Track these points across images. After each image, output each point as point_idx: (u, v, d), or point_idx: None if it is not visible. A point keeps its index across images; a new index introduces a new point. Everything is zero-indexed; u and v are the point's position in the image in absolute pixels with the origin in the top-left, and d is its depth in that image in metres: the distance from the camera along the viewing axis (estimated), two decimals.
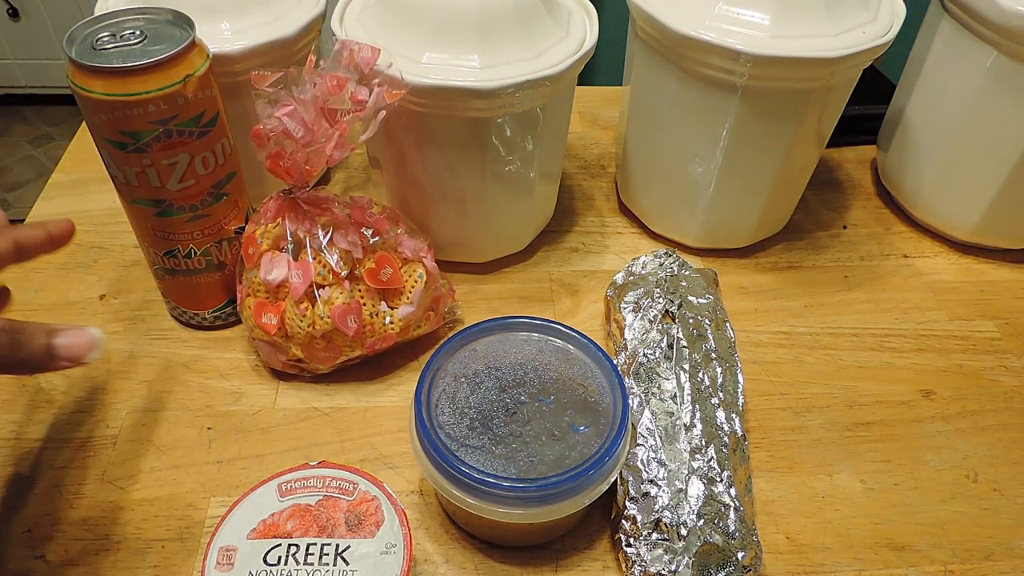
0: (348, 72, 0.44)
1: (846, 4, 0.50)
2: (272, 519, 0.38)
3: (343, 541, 0.37)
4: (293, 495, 0.38)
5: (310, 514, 0.38)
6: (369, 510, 0.38)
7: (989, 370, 0.54)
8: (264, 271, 0.47)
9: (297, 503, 0.38)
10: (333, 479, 0.39)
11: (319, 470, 0.39)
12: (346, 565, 0.36)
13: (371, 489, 0.39)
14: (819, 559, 0.43)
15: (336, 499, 0.38)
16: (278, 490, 0.38)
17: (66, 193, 0.66)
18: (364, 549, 0.37)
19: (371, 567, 0.36)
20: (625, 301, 0.51)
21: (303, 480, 0.39)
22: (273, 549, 0.36)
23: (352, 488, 0.39)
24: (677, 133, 0.56)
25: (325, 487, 0.39)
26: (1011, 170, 0.57)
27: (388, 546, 0.37)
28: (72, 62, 0.41)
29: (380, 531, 0.37)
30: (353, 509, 0.38)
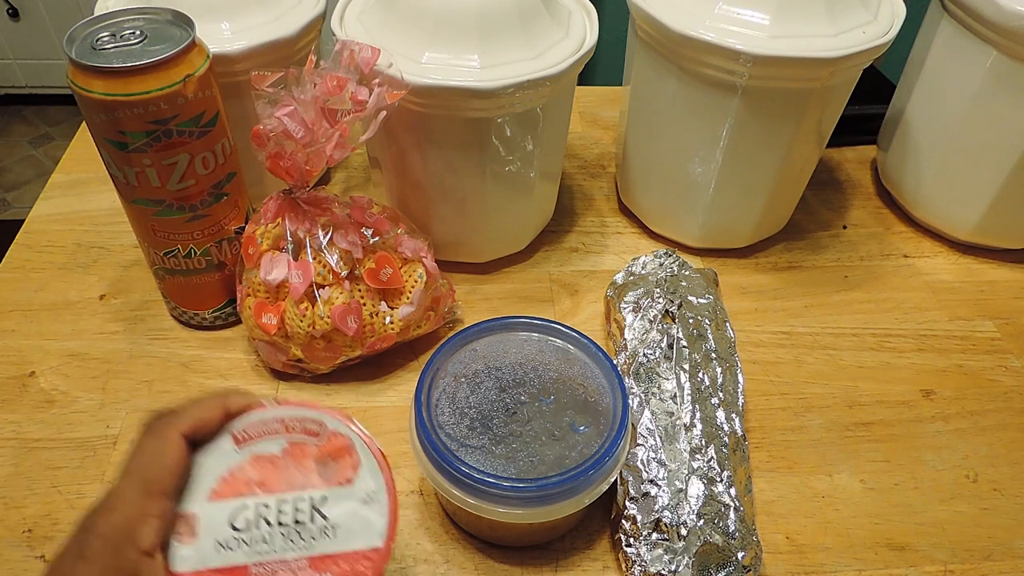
0: (348, 72, 0.44)
1: (846, 4, 0.50)
2: (231, 474, 0.32)
3: (318, 493, 0.32)
4: (251, 443, 0.33)
5: (276, 466, 0.33)
6: (341, 452, 0.33)
7: (989, 370, 0.54)
8: (264, 271, 0.47)
9: (258, 453, 0.33)
10: (295, 420, 0.33)
11: (276, 411, 0.34)
12: (325, 521, 0.32)
13: (340, 427, 0.34)
14: (819, 559, 0.43)
15: (302, 444, 0.33)
16: (233, 440, 0.33)
17: (66, 193, 0.66)
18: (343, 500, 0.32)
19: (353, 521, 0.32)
20: (625, 301, 0.51)
21: (260, 425, 0.33)
22: (240, 511, 0.32)
23: (319, 428, 0.33)
24: (677, 133, 0.56)
25: (287, 430, 0.33)
26: (1011, 170, 0.57)
27: (369, 495, 0.32)
28: (72, 62, 0.41)
29: (358, 477, 0.33)
30: (324, 453, 0.33)
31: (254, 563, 0.31)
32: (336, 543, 0.31)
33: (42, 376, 0.51)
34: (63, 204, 0.65)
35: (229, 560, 0.31)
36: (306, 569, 0.31)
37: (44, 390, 0.50)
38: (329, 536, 0.31)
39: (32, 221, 0.63)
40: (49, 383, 0.51)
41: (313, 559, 0.31)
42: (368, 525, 0.32)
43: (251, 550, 0.31)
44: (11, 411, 0.49)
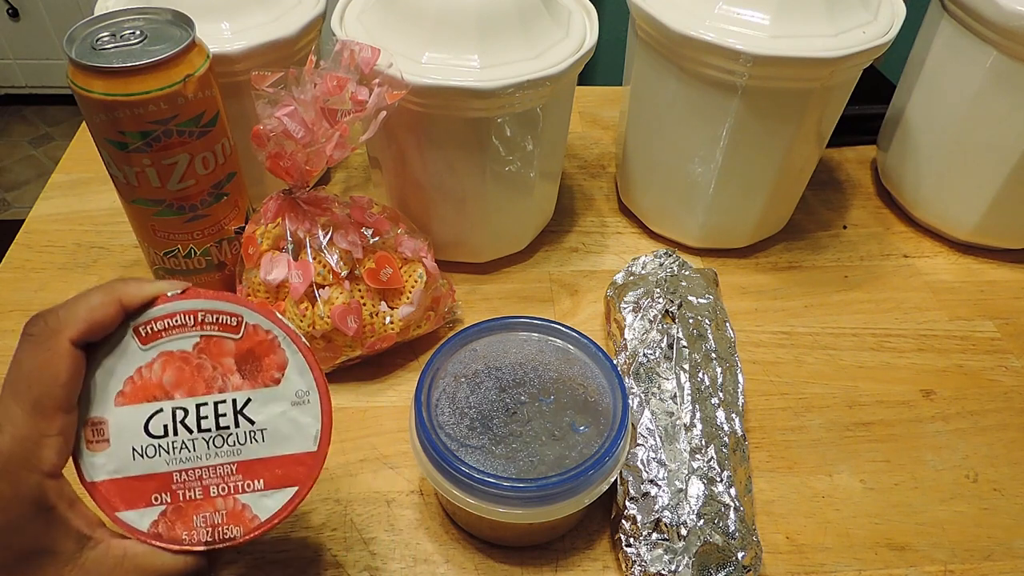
0: (348, 72, 0.44)
1: (846, 4, 0.50)
2: (140, 376, 0.29)
3: (240, 395, 0.30)
4: (159, 340, 0.30)
5: (189, 365, 0.29)
6: (265, 350, 0.30)
7: (989, 370, 0.54)
8: (264, 271, 0.47)
9: (168, 350, 0.30)
10: (208, 313, 0.30)
11: (185, 302, 0.30)
12: (251, 425, 0.29)
13: (261, 322, 0.30)
14: (819, 559, 0.43)
15: (219, 339, 0.30)
16: (136, 336, 0.29)
17: (66, 193, 0.66)
18: (269, 402, 0.30)
19: (282, 423, 0.30)
20: (625, 301, 0.51)
21: (167, 318, 0.30)
22: (155, 416, 0.29)
23: (237, 323, 0.30)
24: (677, 133, 0.56)
25: (199, 324, 0.30)
26: (1011, 170, 0.57)
27: (299, 395, 0.30)
28: (72, 62, 0.41)
29: (285, 377, 0.30)
30: (244, 351, 0.30)
31: (177, 471, 0.29)
32: (265, 447, 0.30)
33: None
34: (63, 204, 0.65)
35: (149, 468, 0.29)
36: (235, 475, 0.29)
37: None
38: (257, 441, 0.30)
39: (32, 221, 0.63)
40: None
41: (241, 465, 0.29)
42: (300, 428, 0.30)
43: (172, 457, 0.29)
44: None
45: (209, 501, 0.29)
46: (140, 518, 0.29)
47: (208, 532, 0.29)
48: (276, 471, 0.30)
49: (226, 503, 0.29)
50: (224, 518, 0.29)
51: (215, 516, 0.29)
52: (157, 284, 0.30)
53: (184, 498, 0.29)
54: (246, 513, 0.29)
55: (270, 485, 0.29)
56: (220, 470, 0.29)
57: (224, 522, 0.29)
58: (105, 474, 0.29)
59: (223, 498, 0.29)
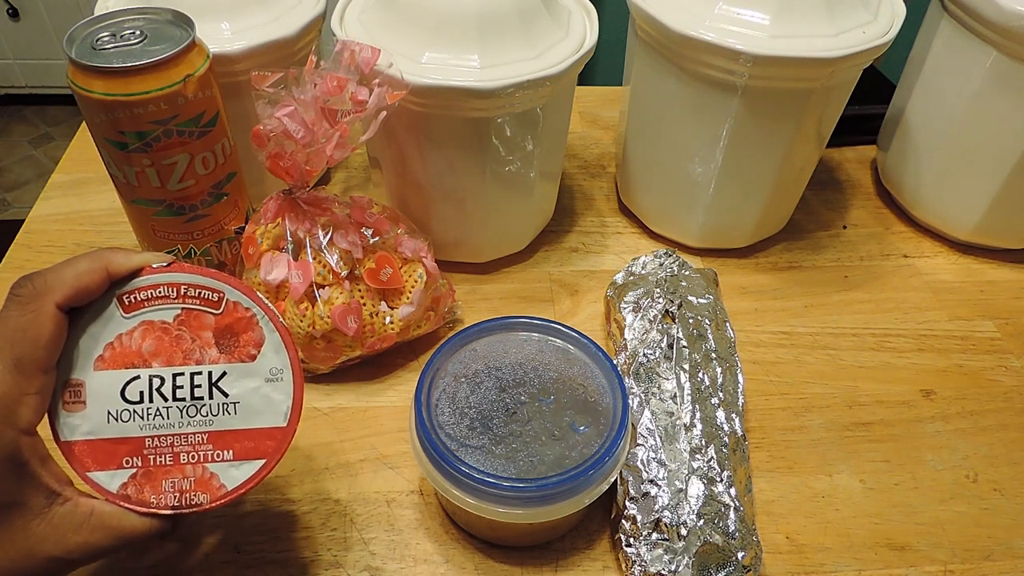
0: (349, 73, 0.44)
1: (846, 4, 0.50)
2: (120, 342, 0.30)
3: (216, 368, 0.31)
4: (141, 309, 0.31)
5: (169, 335, 0.30)
6: (243, 326, 0.31)
7: (989, 370, 0.54)
8: (264, 271, 0.47)
9: (149, 320, 0.30)
10: (191, 287, 0.31)
11: (169, 274, 0.31)
12: (224, 397, 0.30)
13: (242, 300, 0.31)
14: (819, 559, 0.43)
15: (199, 313, 0.31)
16: (119, 304, 0.30)
17: (66, 193, 0.66)
18: (244, 377, 0.31)
19: (255, 398, 0.31)
20: (625, 301, 0.51)
21: (151, 289, 0.31)
22: (131, 383, 0.30)
23: (218, 299, 0.31)
24: (677, 133, 0.56)
25: (181, 297, 0.31)
26: (1011, 170, 0.57)
27: (273, 372, 0.31)
28: (72, 62, 0.41)
29: (261, 354, 0.31)
30: (223, 326, 0.31)
31: (149, 436, 0.30)
32: (237, 420, 0.31)
33: None
34: (63, 204, 0.65)
35: (122, 431, 0.30)
36: (205, 444, 0.30)
37: None
38: (230, 413, 0.31)
39: (32, 221, 0.63)
40: None
41: (213, 435, 0.30)
42: (271, 404, 0.31)
43: (146, 423, 0.30)
44: None
45: (179, 467, 0.30)
46: (110, 479, 0.30)
47: (176, 497, 0.30)
48: (246, 443, 0.31)
49: (195, 471, 0.30)
50: (192, 484, 0.30)
51: (183, 482, 0.30)
52: (143, 255, 0.31)
53: (155, 463, 0.30)
54: (214, 482, 0.30)
55: (239, 456, 0.30)
56: (192, 438, 0.30)
57: (192, 488, 0.30)
58: (80, 435, 0.30)
59: (192, 465, 0.30)
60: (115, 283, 0.31)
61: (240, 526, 0.43)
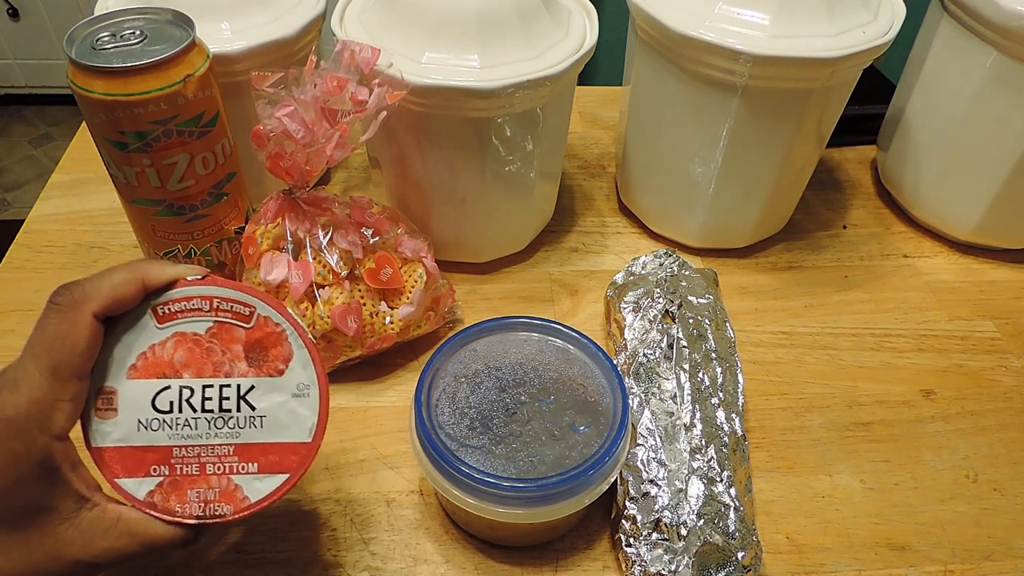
0: (349, 73, 0.44)
1: (846, 4, 0.50)
2: (153, 352, 0.31)
3: (244, 381, 0.31)
4: (174, 321, 0.31)
5: (200, 347, 0.31)
6: (273, 341, 0.32)
7: (989, 370, 0.54)
8: (264, 271, 0.47)
9: (181, 331, 0.31)
10: (223, 300, 0.31)
11: (203, 287, 0.31)
12: (252, 411, 0.31)
13: (272, 315, 0.32)
14: (819, 559, 0.43)
15: (230, 326, 0.31)
16: (153, 314, 0.31)
17: (66, 193, 0.66)
18: (271, 392, 0.31)
19: (282, 413, 0.31)
20: (625, 301, 0.51)
21: (184, 301, 0.31)
22: (162, 392, 0.31)
23: (249, 313, 0.31)
24: (677, 133, 0.56)
25: (214, 310, 0.31)
26: (1011, 170, 0.57)
27: (300, 388, 0.31)
28: (72, 62, 0.41)
29: (289, 369, 0.31)
30: (253, 340, 0.31)
31: (177, 445, 0.31)
32: (263, 433, 0.31)
33: None
34: (63, 204, 0.65)
35: (151, 440, 0.30)
36: (231, 456, 0.31)
37: None
38: (256, 426, 0.31)
39: (32, 221, 0.63)
40: None
41: (239, 447, 0.31)
42: (297, 419, 0.31)
43: (174, 433, 0.31)
44: None
45: (204, 478, 0.31)
46: (138, 486, 0.30)
47: (200, 507, 0.31)
48: (271, 457, 0.31)
49: (220, 481, 0.31)
50: (217, 495, 0.31)
51: (208, 492, 0.31)
52: (179, 267, 0.32)
53: (181, 472, 0.30)
54: (238, 493, 0.31)
55: (263, 470, 0.31)
56: (218, 450, 0.31)
57: (216, 499, 0.31)
58: (110, 441, 0.30)
59: (218, 476, 0.31)
60: (150, 294, 0.31)
61: (240, 526, 0.43)
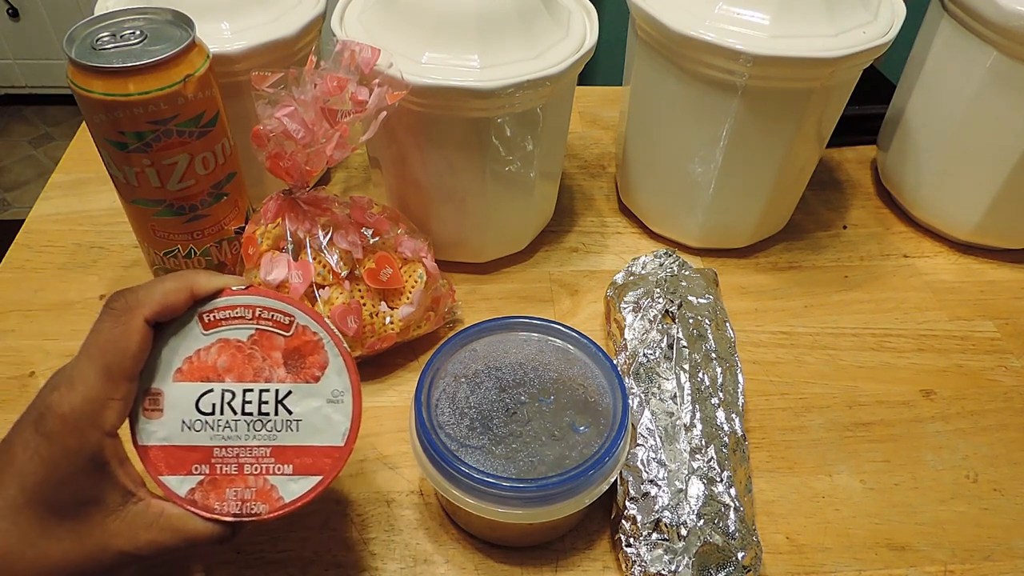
0: (349, 73, 0.44)
1: (846, 4, 0.50)
2: (198, 357, 0.33)
3: (283, 386, 0.33)
4: (219, 328, 0.33)
5: (242, 353, 0.33)
6: (310, 349, 0.33)
7: (989, 370, 0.54)
8: (264, 271, 0.47)
9: (225, 338, 0.33)
10: (265, 309, 0.33)
11: (246, 297, 0.33)
12: (288, 415, 0.33)
13: (311, 324, 0.34)
14: (819, 559, 0.43)
15: (271, 335, 0.33)
16: (200, 321, 0.33)
17: (66, 193, 0.66)
18: (308, 397, 0.33)
19: (316, 418, 0.33)
20: (625, 301, 0.51)
21: (229, 309, 0.33)
22: (205, 395, 0.33)
23: (288, 322, 0.33)
24: (677, 133, 0.56)
25: (256, 319, 0.33)
26: (1011, 170, 0.57)
27: (335, 394, 0.33)
28: (72, 62, 0.41)
29: (324, 376, 0.33)
30: (292, 348, 0.33)
31: (217, 446, 0.32)
32: (299, 437, 0.33)
33: (42, 376, 0.51)
34: (63, 204, 0.65)
35: (193, 440, 0.32)
36: (268, 457, 0.32)
37: None
38: (292, 430, 0.33)
39: (32, 221, 0.63)
40: None
41: (275, 449, 0.32)
42: (331, 424, 0.33)
43: (215, 434, 0.32)
44: (11, 411, 0.49)
45: (242, 478, 0.32)
46: (180, 484, 0.32)
47: (238, 505, 0.32)
48: (305, 459, 0.33)
49: (257, 481, 0.32)
50: (253, 495, 0.32)
51: (245, 492, 0.32)
52: (225, 278, 0.34)
53: (221, 472, 0.32)
54: (273, 493, 0.32)
55: (298, 471, 0.32)
56: (256, 451, 0.32)
57: (253, 498, 0.32)
58: (155, 440, 0.32)
59: (255, 476, 0.32)
60: (197, 302, 0.33)
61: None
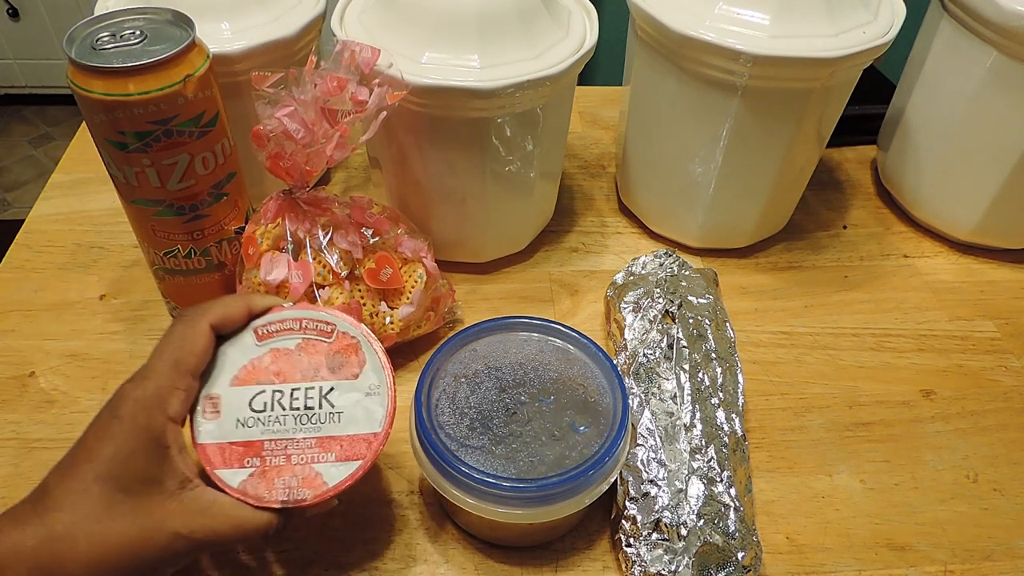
0: (349, 73, 0.44)
1: (846, 4, 0.50)
2: (252, 365, 0.37)
3: (326, 384, 0.37)
4: (271, 339, 0.38)
5: (291, 359, 0.38)
6: (350, 352, 0.38)
7: (989, 370, 0.54)
8: (264, 271, 0.47)
9: (276, 347, 0.38)
10: (310, 320, 0.39)
11: (294, 311, 0.39)
12: (332, 408, 0.37)
13: (350, 330, 0.39)
14: (819, 559, 0.43)
15: (315, 342, 0.38)
16: (255, 334, 0.38)
17: (66, 193, 0.66)
18: (348, 391, 0.37)
19: (357, 409, 0.37)
20: (625, 301, 0.51)
21: (279, 323, 0.38)
22: (258, 395, 0.37)
23: (331, 330, 0.38)
24: (677, 133, 0.56)
25: (303, 329, 0.38)
26: (1011, 170, 0.57)
27: (372, 388, 0.37)
28: (72, 62, 0.41)
29: (363, 372, 0.38)
30: (334, 352, 0.38)
31: (268, 439, 0.36)
32: (341, 427, 0.36)
33: (42, 376, 0.51)
34: (63, 204, 0.65)
35: (247, 436, 0.36)
36: (313, 447, 0.36)
37: (44, 390, 0.50)
38: (335, 421, 0.36)
39: (32, 221, 0.63)
40: (49, 383, 0.51)
41: (320, 439, 0.36)
42: (370, 414, 0.37)
43: (266, 428, 0.36)
44: (11, 411, 0.49)
45: (289, 467, 0.36)
46: (233, 476, 0.35)
47: (285, 492, 0.35)
48: (347, 447, 0.36)
49: (303, 470, 0.35)
50: (299, 482, 0.35)
51: (292, 480, 0.35)
52: (275, 299, 0.40)
53: (270, 463, 0.36)
54: (317, 480, 0.35)
55: (340, 458, 0.36)
56: (303, 443, 0.36)
57: (299, 485, 0.35)
58: (212, 438, 0.36)
59: (302, 466, 0.36)
60: (253, 317, 0.38)
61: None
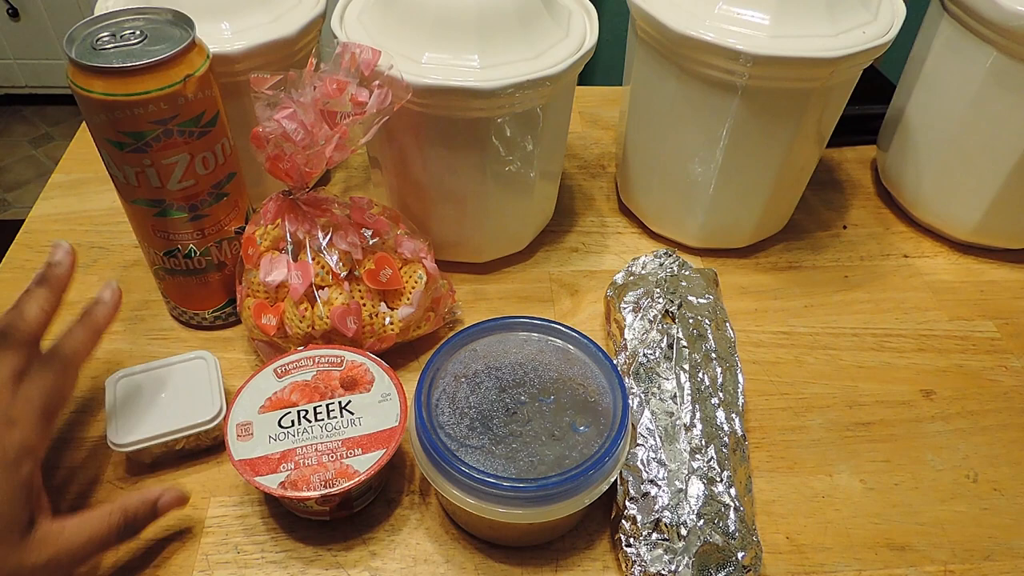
0: (349, 75, 0.44)
1: (846, 4, 0.50)
2: (276, 396, 0.43)
3: (344, 398, 0.43)
4: (289, 375, 0.44)
5: (309, 386, 0.43)
6: (359, 375, 0.44)
7: (989, 370, 0.54)
8: (264, 272, 0.47)
9: (295, 380, 0.44)
10: (321, 356, 0.45)
11: (307, 352, 0.45)
12: (352, 415, 0.42)
13: (357, 358, 0.45)
14: (819, 559, 0.43)
15: (328, 372, 0.44)
16: (275, 373, 0.44)
17: (66, 193, 0.66)
18: (364, 400, 0.43)
19: (373, 412, 0.42)
20: (625, 301, 0.51)
21: (295, 362, 0.45)
22: (284, 416, 0.42)
23: (340, 360, 0.45)
24: (677, 133, 0.56)
25: (316, 364, 0.44)
26: (1011, 170, 0.57)
27: (384, 395, 0.43)
28: (72, 62, 0.41)
29: (374, 386, 0.43)
30: (345, 376, 0.44)
31: (299, 447, 0.41)
32: (362, 429, 0.42)
33: None
34: (63, 204, 0.65)
35: (279, 447, 0.41)
36: (340, 448, 0.41)
37: None
38: (357, 425, 0.42)
39: (32, 221, 0.63)
40: None
41: (345, 440, 0.41)
42: (385, 413, 0.42)
43: (296, 439, 0.41)
44: None
45: (322, 466, 0.40)
46: (272, 481, 0.40)
47: (323, 484, 0.39)
48: (370, 442, 0.41)
49: (335, 465, 0.40)
50: (333, 475, 0.40)
51: (326, 474, 0.40)
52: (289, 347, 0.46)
53: (304, 465, 0.40)
54: (349, 470, 0.40)
55: (366, 451, 0.41)
56: (330, 445, 0.41)
57: (334, 477, 0.40)
58: (248, 455, 0.41)
59: (332, 463, 0.40)
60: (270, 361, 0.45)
61: (240, 526, 0.43)
